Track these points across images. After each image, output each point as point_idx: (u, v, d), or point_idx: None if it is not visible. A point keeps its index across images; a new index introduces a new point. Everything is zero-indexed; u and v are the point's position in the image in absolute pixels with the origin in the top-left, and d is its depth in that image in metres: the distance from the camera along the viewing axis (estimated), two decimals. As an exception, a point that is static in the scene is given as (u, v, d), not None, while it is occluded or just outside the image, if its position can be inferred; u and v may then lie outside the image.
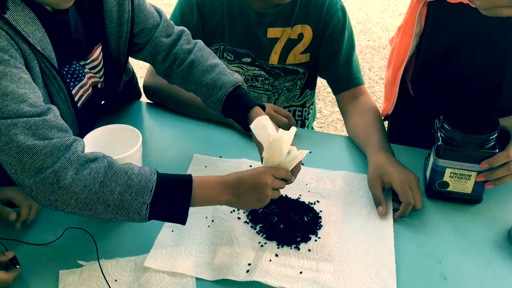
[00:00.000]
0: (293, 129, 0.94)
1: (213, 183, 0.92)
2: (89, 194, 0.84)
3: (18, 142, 0.82)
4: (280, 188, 0.95)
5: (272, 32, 1.35)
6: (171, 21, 1.22)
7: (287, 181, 0.96)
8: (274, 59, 1.38)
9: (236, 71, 1.40)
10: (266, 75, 1.41)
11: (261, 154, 1.00)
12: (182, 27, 1.22)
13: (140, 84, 1.43)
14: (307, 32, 1.35)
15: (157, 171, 0.89)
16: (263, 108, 1.11)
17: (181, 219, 0.89)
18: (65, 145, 0.85)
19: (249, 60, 1.38)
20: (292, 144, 0.95)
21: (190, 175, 0.90)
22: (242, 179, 0.92)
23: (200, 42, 1.20)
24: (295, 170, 0.99)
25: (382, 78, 3.48)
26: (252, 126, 0.98)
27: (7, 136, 0.82)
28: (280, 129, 0.95)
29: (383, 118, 1.31)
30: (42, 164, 0.82)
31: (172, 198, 0.88)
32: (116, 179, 0.85)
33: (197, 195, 0.89)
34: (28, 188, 0.84)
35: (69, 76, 1.04)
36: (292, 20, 1.33)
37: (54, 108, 0.90)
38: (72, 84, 1.05)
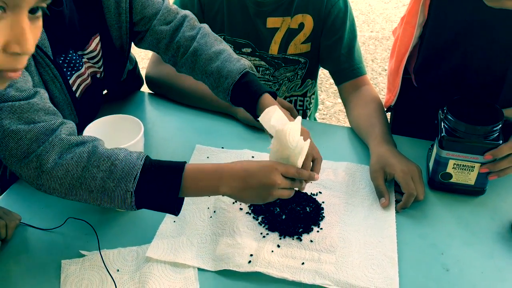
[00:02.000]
0: (298, 119, 0.91)
1: (209, 171, 0.87)
2: (72, 180, 0.82)
3: (3, 127, 0.81)
4: (289, 188, 0.91)
5: (272, 22, 1.34)
6: (174, 6, 1.18)
7: (294, 180, 0.92)
8: (274, 49, 1.37)
9: None
10: (267, 65, 1.40)
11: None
12: (185, 12, 1.17)
13: (143, 74, 1.42)
14: (308, 21, 1.34)
15: (146, 157, 0.85)
16: (273, 95, 1.05)
17: (171, 208, 0.85)
18: (51, 129, 0.83)
19: (249, 50, 1.38)
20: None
21: (184, 162, 0.86)
22: (249, 173, 0.87)
23: (204, 27, 1.15)
24: (317, 163, 0.97)
25: (385, 70, 3.47)
26: (260, 119, 0.94)
27: None
28: (287, 120, 0.92)
29: (386, 109, 1.30)
30: (28, 149, 0.81)
31: (157, 186, 0.83)
32: (98, 165, 0.82)
33: (190, 185, 0.85)
34: (17, 172, 0.84)
35: (65, 65, 1.03)
36: (292, 9, 1.32)
37: (42, 91, 0.88)
38: (68, 73, 1.04)
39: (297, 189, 1.06)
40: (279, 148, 0.90)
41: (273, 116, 0.91)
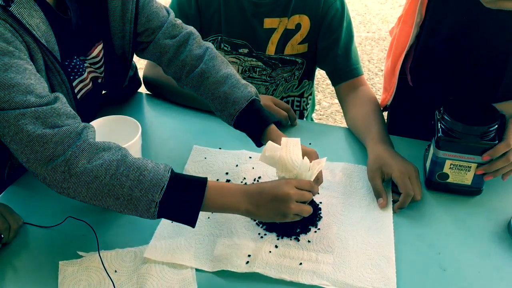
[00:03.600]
0: (296, 140, 0.94)
1: (232, 189, 0.90)
2: (99, 185, 0.83)
3: (27, 132, 0.82)
4: (307, 201, 0.92)
5: (269, 23, 1.34)
6: (179, 21, 1.17)
7: (311, 192, 0.93)
8: (271, 49, 1.37)
9: (233, 62, 1.39)
10: (264, 66, 1.40)
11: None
12: (190, 28, 1.17)
13: (140, 75, 1.42)
14: (305, 22, 1.34)
15: (172, 170, 0.87)
16: (278, 124, 1.09)
17: (191, 221, 0.87)
18: (75, 132, 0.85)
19: (246, 51, 1.38)
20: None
21: (205, 178, 0.88)
22: (263, 189, 0.90)
23: (211, 48, 1.15)
24: (317, 181, 0.98)
25: (382, 70, 3.47)
26: (262, 161, 0.96)
27: (16, 126, 0.82)
28: (278, 146, 0.94)
29: (382, 108, 1.30)
30: (54, 152, 0.82)
31: (182, 198, 0.86)
32: (128, 174, 0.84)
33: (213, 199, 0.88)
34: (41, 176, 0.84)
35: (69, 70, 1.03)
36: (289, 10, 1.32)
37: (61, 96, 0.89)
38: (72, 78, 1.04)
39: None
40: (286, 173, 0.93)
41: (265, 148, 0.94)
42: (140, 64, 1.41)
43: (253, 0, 1.31)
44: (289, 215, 0.90)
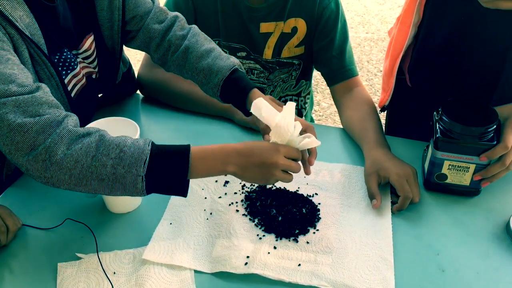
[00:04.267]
0: (292, 105, 0.93)
1: (216, 151, 0.89)
2: (82, 169, 0.82)
3: (8, 121, 0.81)
4: (292, 172, 0.93)
5: (265, 27, 1.33)
6: (164, 7, 1.20)
7: (297, 160, 0.94)
8: (268, 54, 1.37)
9: None
10: (261, 69, 1.40)
11: (263, 137, 0.98)
12: (175, 13, 1.19)
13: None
14: (301, 25, 1.34)
15: (152, 143, 0.86)
16: (262, 90, 1.08)
17: (181, 190, 0.87)
18: (56, 121, 0.84)
19: (244, 54, 1.38)
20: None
21: (188, 145, 0.88)
22: (251, 151, 0.90)
23: (194, 27, 1.18)
24: (312, 155, 0.98)
25: (381, 71, 3.47)
26: (252, 111, 0.95)
27: None
28: (275, 111, 0.93)
29: (380, 109, 1.30)
30: (35, 142, 0.81)
31: (168, 168, 0.85)
32: (108, 152, 0.83)
33: (197, 165, 0.87)
34: (23, 166, 0.83)
35: (60, 64, 1.03)
36: (285, 14, 1.32)
37: (44, 85, 0.88)
38: (64, 72, 1.04)
39: (293, 190, 1.07)
40: (279, 138, 0.92)
41: (262, 108, 0.93)
42: (138, 66, 1.41)
43: (248, 5, 1.30)
44: (271, 182, 0.92)
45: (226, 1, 1.32)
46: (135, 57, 3.32)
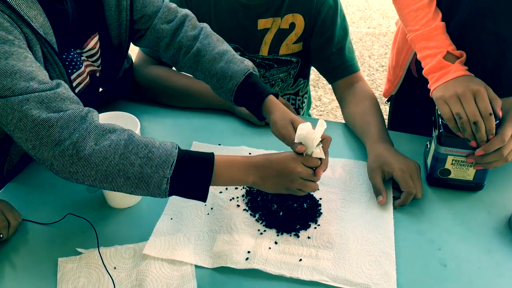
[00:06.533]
0: (323, 124, 0.93)
1: (238, 162, 0.91)
2: (109, 166, 0.83)
3: (32, 117, 0.82)
4: (312, 180, 0.93)
5: (263, 23, 1.32)
6: (174, 5, 1.18)
7: (315, 169, 0.93)
8: (264, 50, 1.36)
9: None
10: (257, 68, 1.39)
11: (294, 148, 0.96)
12: (186, 11, 1.18)
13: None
14: (299, 21, 1.33)
15: (178, 146, 0.88)
16: (276, 95, 1.08)
17: (202, 196, 0.88)
18: (80, 116, 0.84)
19: (238, 54, 1.37)
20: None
21: (212, 153, 0.89)
22: (269, 162, 0.92)
23: (206, 27, 1.16)
24: (321, 167, 0.96)
25: (382, 66, 3.47)
26: (298, 131, 0.94)
27: (20, 112, 0.82)
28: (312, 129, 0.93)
29: (386, 99, 1.29)
30: (60, 136, 0.82)
31: (193, 173, 0.86)
32: (137, 152, 0.84)
33: (221, 173, 0.88)
34: (48, 161, 0.83)
35: (67, 63, 1.03)
36: (283, 9, 1.31)
37: (62, 82, 0.89)
38: (70, 71, 1.04)
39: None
40: (308, 150, 0.93)
41: (305, 129, 0.93)
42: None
43: (245, 2, 1.29)
44: (292, 190, 0.93)
45: (219, 1, 1.31)
46: (134, 54, 3.31)
